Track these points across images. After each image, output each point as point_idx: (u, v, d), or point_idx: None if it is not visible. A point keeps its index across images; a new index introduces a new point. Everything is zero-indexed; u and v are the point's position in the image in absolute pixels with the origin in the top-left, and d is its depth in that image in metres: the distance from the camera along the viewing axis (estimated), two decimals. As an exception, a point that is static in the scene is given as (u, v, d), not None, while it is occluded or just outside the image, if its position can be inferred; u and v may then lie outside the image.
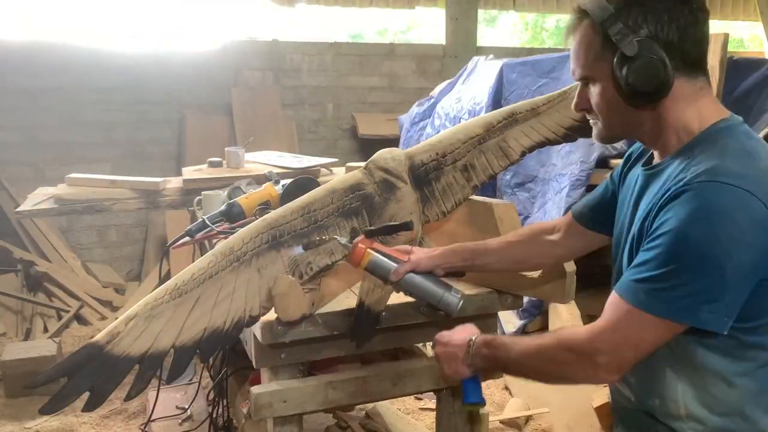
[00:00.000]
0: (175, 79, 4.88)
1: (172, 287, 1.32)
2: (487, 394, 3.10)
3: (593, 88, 1.10)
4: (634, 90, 1.03)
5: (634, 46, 1.01)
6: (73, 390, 1.23)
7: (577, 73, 1.13)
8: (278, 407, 1.50)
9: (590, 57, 1.08)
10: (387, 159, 1.53)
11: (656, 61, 1.01)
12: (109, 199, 2.78)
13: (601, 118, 1.12)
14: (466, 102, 3.94)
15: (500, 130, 1.69)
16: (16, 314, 4.07)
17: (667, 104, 1.06)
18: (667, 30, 1.01)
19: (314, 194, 1.49)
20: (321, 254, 1.45)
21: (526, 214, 3.45)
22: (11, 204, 4.36)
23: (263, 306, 1.39)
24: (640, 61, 1.01)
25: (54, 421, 2.96)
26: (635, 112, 1.08)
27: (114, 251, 4.91)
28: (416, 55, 5.68)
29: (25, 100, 4.55)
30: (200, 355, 1.37)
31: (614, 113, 1.10)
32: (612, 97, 1.08)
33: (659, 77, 1.01)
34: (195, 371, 3.18)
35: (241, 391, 2.25)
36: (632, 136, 1.13)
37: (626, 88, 1.03)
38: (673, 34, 1.02)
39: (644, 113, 1.07)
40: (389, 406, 2.68)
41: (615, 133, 1.14)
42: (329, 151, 5.31)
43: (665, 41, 1.02)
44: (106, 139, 4.81)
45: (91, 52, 4.66)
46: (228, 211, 2.01)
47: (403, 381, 1.62)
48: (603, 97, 1.09)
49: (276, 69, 5.21)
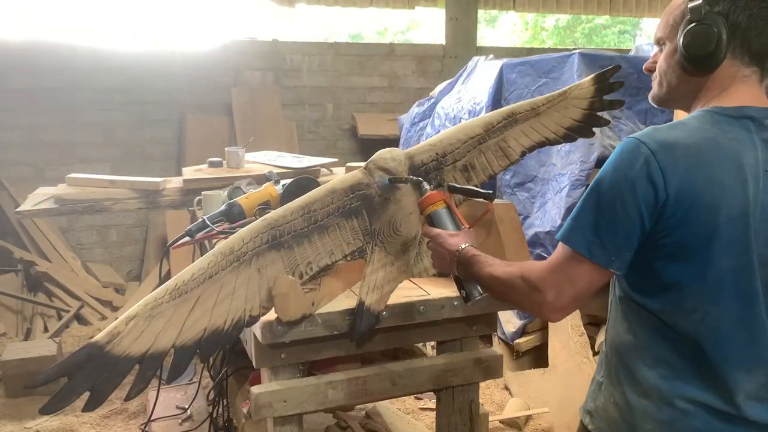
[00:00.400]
0: (175, 79, 4.88)
1: (172, 287, 1.32)
2: (487, 394, 3.13)
3: (664, 50, 1.18)
4: (685, 52, 1.11)
5: (701, 14, 1.08)
6: (73, 390, 1.23)
7: (657, 34, 1.20)
8: (278, 407, 1.50)
9: (670, 21, 1.16)
10: (387, 159, 1.53)
11: (712, 31, 1.07)
12: (109, 199, 2.78)
13: (658, 77, 1.20)
14: (466, 102, 3.94)
15: (500, 130, 1.69)
16: (16, 314, 4.07)
17: (712, 79, 1.12)
18: (739, 13, 1.08)
19: (314, 194, 1.49)
20: (321, 254, 1.46)
21: (526, 214, 3.45)
22: (11, 204, 4.36)
23: (263, 306, 1.39)
24: (698, 27, 1.09)
25: (54, 421, 2.96)
26: (684, 77, 1.15)
27: (114, 251, 4.91)
28: (416, 55, 5.68)
29: (25, 100, 4.55)
30: (200, 355, 1.38)
31: (668, 73, 1.17)
32: (671, 58, 1.16)
33: (708, 47, 1.08)
34: (195, 371, 3.18)
35: (241, 391, 2.25)
36: (676, 100, 1.21)
37: (681, 49, 1.11)
38: (742, 18, 1.08)
39: (691, 80, 1.14)
40: (389, 406, 2.68)
41: (663, 93, 1.20)
42: (329, 151, 5.31)
43: (733, 22, 1.08)
44: (106, 139, 4.81)
45: (91, 52, 4.67)
46: (228, 211, 2.01)
47: (403, 381, 1.62)
48: (665, 58, 1.18)
49: (276, 69, 5.21)
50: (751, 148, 1.06)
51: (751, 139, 1.07)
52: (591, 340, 3.02)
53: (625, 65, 3.04)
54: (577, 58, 3.31)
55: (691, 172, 1.03)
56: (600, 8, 6.30)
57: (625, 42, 12.64)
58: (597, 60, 3.30)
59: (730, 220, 1.03)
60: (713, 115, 1.09)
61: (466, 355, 1.70)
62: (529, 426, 2.88)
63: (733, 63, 1.11)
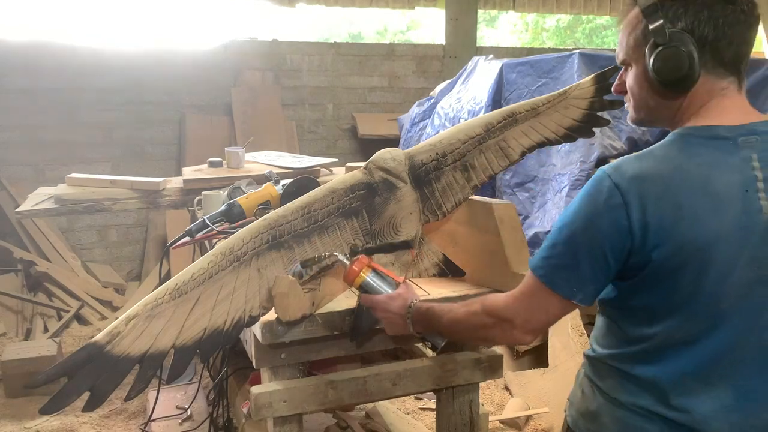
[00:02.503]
0: (175, 79, 4.88)
1: (172, 287, 1.32)
2: (487, 394, 3.13)
3: (630, 72, 1.15)
4: (658, 77, 1.06)
5: (665, 35, 1.04)
6: (73, 390, 1.23)
7: (619, 57, 1.17)
8: (278, 407, 1.50)
9: (631, 42, 1.12)
10: (387, 159, 1.53)
11: (682, 53, 1.03)
12: (109, 199, 2.78)
13: (632, 101, 1.17)
14: (466, 102, 3.94)
15: (500, 130, 1.69)
16: (16, 314, 4.07)
17: (689, 97, 1.08)
18: (704, 26, 1.03)
19: (314, 194, 1.49)
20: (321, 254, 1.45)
21: (525, 214, 3.45)
22: (11, 204, 4.36)
23: (263, 306, 1.39)
24: (667, 51, 1.04)
25: (54, 421, 2.96)
26: (660, 100, 1.11)
27: (114, 251, 4.91)
28: (416, 55, 5.68)
29: (25, 100, 4.55)
30: (200, 355, 1.38)
31: (643, 98, 1.14)
32: (643, 83, 1.12)
33: (682, 69, 1.04)
34: (195, 371, 3.18)
35: (241, 391, 2.25)
36: (657, 121, 1.17)
37: (652, 74, 1.07)
38: (709, 31, 1.03)
39: (668, 102, 1.10)
40: (389, 406, 2.68)
41: (642, 117, 1.18)
42: (329, 151, 5.32)
43: (699, 36, 1.03)
44: (106, 139, 4.81)
45: (91, 52, 4.66)
46: (228, 211, 2.01)
47: (403, 381, 1.62)
48: (635, 81, 1.13)
49: (276, 69, 5.21)
50: (728, 170, 1.01)
51: (727, 159, 1.02)
52: (591, 340, 3.02)
53: (625, 65, 3.04)
54: (577, 58, 3.31)
55: (657, 205, 0.99)
56: (600, 8, 6.30)
57: (625, 42, 12.60)
58: (597, 60, 3.30)
59: (699, 250, 0.99)
60: (684, 139, 1.06)
61: (466, 355, 1.70)
62: (529, 426, 2.88)
63: (709, 78, 1.06)
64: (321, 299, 1.50)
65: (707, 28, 1.03)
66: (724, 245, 0.99)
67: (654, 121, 1.17)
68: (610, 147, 3.15)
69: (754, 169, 1.02)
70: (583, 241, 1.04)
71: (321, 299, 1.50)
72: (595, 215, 1.03)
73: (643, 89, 1.12)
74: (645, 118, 1.17)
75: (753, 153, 1.03)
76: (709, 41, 1.03)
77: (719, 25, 1.03)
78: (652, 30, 1.05)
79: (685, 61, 1.03)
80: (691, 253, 0.99)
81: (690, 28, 1.03)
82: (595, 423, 1.15)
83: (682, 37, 1.03)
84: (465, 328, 1.21)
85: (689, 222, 0.99)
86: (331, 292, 1.54)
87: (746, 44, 1.07)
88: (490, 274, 1.64)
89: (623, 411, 1.10)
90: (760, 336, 1.04)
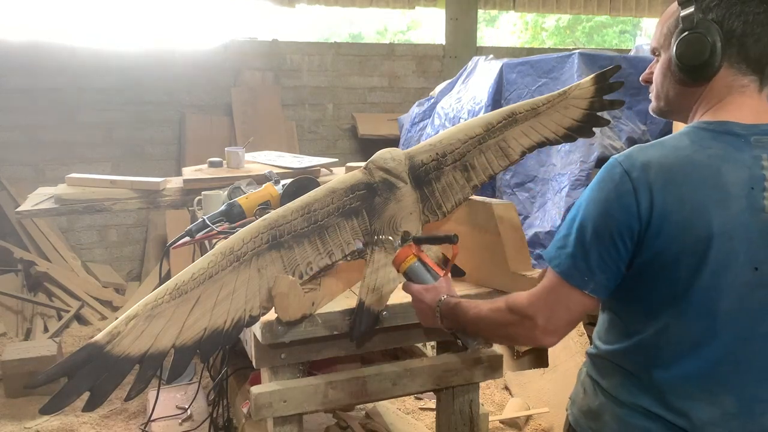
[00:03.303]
0: (175, 79, 4.88)
1: (172, 287, 1.32)
2: (487, 394, 3.13)
3: (660, 61, 1.15)
4: (679, 62, 1.07)
5: (693, 21, 1.05)
6: (74, 390, 1.23)
7: (652, 44, 1.18)
8: (278, 407, 1.50)
9: (664, 30, 1.13)
10: (387, 159, 1.53)
11: (705, 40, 1.04)
12: (109, 199, 2.78)
13: (655, 88, 1.17)
14: (466, 102, 3.94)
15: (500, 130, 1.69)
16: (16, 314, 4.07)
17: (708, 89, 1.09)
18: (734, 20, 1.04)
19: (314, 194, 1.49)
20: (321, 254, 1.46)
21: (525, 214, 3.45)
22: (11, 204, 4.36)
23: (263, 306, 1.39)
24: (691, 36, 1.05)
25: (54, 421, 2.96)
26: (681, 89, 1.12)
27: (114, 251, 4.91)
28: (416, 55, 5.68)
29: (25, 100, 4.55)
30: (200, 355, 1.38)
31: (665, 85, 1.14)
32: (666, 71, 1.13)
33: (703, 56, 1.05)
34: (195, 371, 3.18)
35: (241, 391, 2.26)
36: (676, 112, 1.17)
37: (674, 59, 1.08)
38: (738, 25, 1.04)
39: (688, 91, 1.11)
40: (389, 406, 2.68)
41: (661, 106, 1.18)
42: (329, 151, 5.32)
43: (728, 29, 1.04)
44: (106, 139, 4.81)
45: (91, 52, 4.67)
46: (228, 211, 2.01)
47: (403, 381, 1.62)
48: (660, 70, 1.15)
49: (276, 69, 5.21)
50: (737, 165, 1.01)
51: (737, 156, 1.02)
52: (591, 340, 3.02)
53: (625, 65, 3.04)
54: (577, 58, 3.31)
55: (663, 193, 1.00)
56: (600, 8, 6.30)
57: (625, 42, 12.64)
58: (597, 60, 3.30)
59: (699, 240, 0.99)
60: (697, 131, 1.06)
61: (466, 355, 1.70)
62: (529, 426, 2.88)
63: (730, 72, 1.06)
64: (321, 299, 1.50)
65: (737, 22, 1.04)
66: (724, 239, 0.99)
67: (672, 112, 1.18)
68: (610, 147, 3.15)
69: (763, 169, 1.02)
70: (594, 228, 1.04)
71: (321, 299, 1.50)
72: (605, 201, 1.03)
73: (666, 77, 1.13)
74: (664, 107, 1.18)
75: (764, 153, 1.03)
76: (736, 35, 1.04)
77: (749, 21, 1.03)
78: (682, 17, 1.07)
79: (707, 48, 1.04)
80: (690, 243, 0.99)
81: (720, 20, 1.04)
82: (596, 422, 1.14)
83: (709, 26, 1.04)
84: (488, 324, 1.20)
85: (692, 212, 0.99)
86: (331, 292, 1.55)
87: None
88: (490, 274, 1.64)
89: (624, 410, 1.10)
90: (760, 343, 1.03)
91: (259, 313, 1.39)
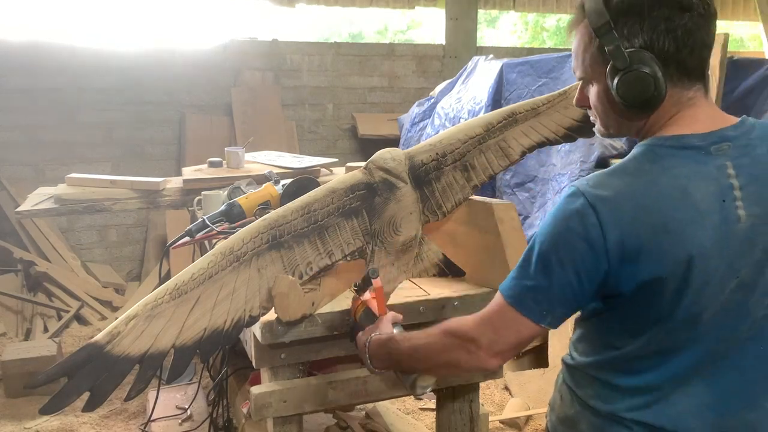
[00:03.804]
0: (175, 79, 4.88)
1: (172, 287, 1.32)
2: (486, 394, 3.13)
3: (591, 88, 1.10)
4: (624, 102, 1.02)
5: (626, 58, 0.99)
6: (73, 390, 1.23)
7: (577, 72, 1.13)
8: (278, 407, 1.50)
9: (587, 59, 1.07)
10: (387, 159, 1.53)
11: (646, 76, 0.98)
12: (109, 199, 2.78)
13: (598, 118, 1.13)
14: (466, 102, 3.94)
15: (500, 130, 1.69)
16: (16, 314, 4.07)
17: (657, 112, 1.04)
18: (663, 40, 0.98)
19: (314, 194, 1.49)
20: (321, 254, 1.46)
21: (525, 214, 3.45)
22: (11, 204, 4.36)
23: (263, 306, 1.39)
24: (630, 75, 0.99)
25: (54, 421, 2.96)
26: (627, 118, 1.07)
27: (114, 251, 4.91)
28: (416, 55, 5.68)
29: (25, 100, 4.55)
30: (200, 355, 1.38)
31: (609, 115, 1.10)
32: (606, 102, 1.07)
33: (648, 92, 0.99)
34: (195, 371, 3.18)
35: (241, 391, 2.26)
36: (626, 135, 1.14)
37: (617, 98, 1.02)
38: (669, 44, 0.98)
39: (636, 117, 1.06)
40: (389, 406, 2.68)
41: (610, 132, 1.14)
42: (329, 151, 5.31)
43: (660, 51, 0.99)
44: (106, 139, 4.81)
45: (91, 52, 4.66)
46: (228, 211, 2.01)
47: (403, 381, 1.62)
48: (599, 100, 1.09)
49: (276, 69, 5.21)
50: (703, 180, 0.97)
51: (701, 169, 0.98)
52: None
53: (625, 65, 3.04)
54: (577, 58, 3.30)
55: (635, 223, 0.96)
56: (600, 8, 6.29)
57: (625, 42, 12.60)
58: (597, 60, 3.29)
59: (678, 264, 0.96)
60: (654, 150, 1.01)
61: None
62: (529, 426, 2.88)
63: (675, 91, 1.01)
64: (321, 299, 1.50)
65: (667, 41, 0.98)
66: (704, 257, 0.96)
67: (623, 135, 1.14)
68: (610, 147, 3.15)
69: (730, 177, 0.98)
70: (556, 261, 0.99)
71: (321, 299, 1.50)
72: (568, 234, 0.98)
73: (608, 108, 1.08)
74: (614, 133, 1.13)
75: (727, 161, 0.99)
76: (671, 54, 0.99)
77: (678, 36, 0.98)
78: (609, 52, 1.00)
79: (651, 83, 0.98)
80: (671, 267, 0.96)
81: (649, 44, 0.98)
82: (573, 429, 1.13)
83: (643, 56, 0.98)
84: (426, 353, 1.14)
85: (668, 237, 0.96)
86: (331, 292, 1.55)
87: (707, 47, 1.02)
88: (490, 274, 1.64)
89: (600, 419, 1.08)
90: (741, 340, 1.02)
91: (259, 313, 1.39)
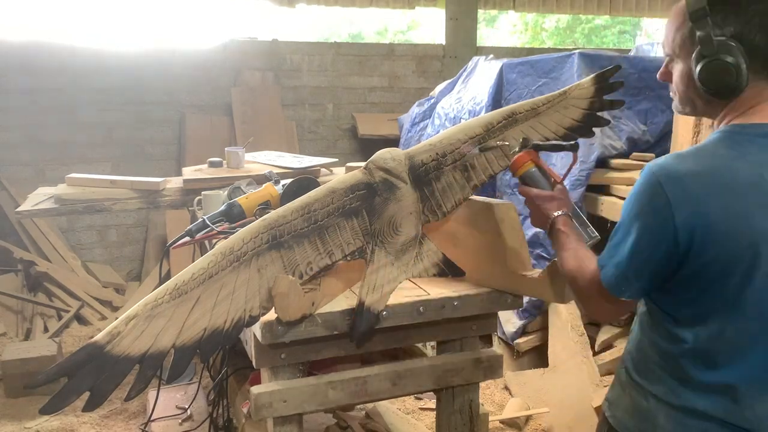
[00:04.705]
0: (175, 79, 4.88)
1: (172, 287, 1.32)
2: (487, 394, 3.13)
3: (676, 66, 1.14)
4: (704, 87, 1.06)
5: (713, 46, 1.03)
6: (74, 390, 1.23)
7: (665, 48, 1.16)
8: (278, 407, 1.50)
9: (677, 39, 1.11)
10: (387, 159, 1.53)
11: (729, 66, 1.02)
12: (109, 199, 2.78)
13: (678, 95, 1.16)
14: (466, 102, 3.94)
15: (500, 130, 1.69)
16: (16, 314, 4.07)
17: (738, 100, 1.07)
18: (756, 34, 1.02)
19: (314, 194, 1.49)
20: (321, 254, 1.46)
21: (525, 214, 3.44)
22: (11, 204, 4.36)
23: (263, 306, 1.39)
24: (714, 63, 1.03)
25: (54, 421, 2.96)
26: (706, 101, 1.11)
27: (114, 251, 4.92)
28: (416, 55, 5.68)
29: (25, 100, 4.55)
30: (200, 355, 1.38)
31: (689, 96, 1.14)
32: (688, 82, 1.11)
33: (729, 82, 1.03)
34: (195, 371, 3.18)
35: (241, 391, 2.26)
36: (702, 116, 1.18)
37: (698, 83, 1.07)
38: (760, 38, 1.02)
39: (715, 101, 1.10)
40: (389, 406, 2.68)
41: (687, 111, 1.18)
42: (329, 151, 5.32)
43: (750, 44, 1.02)
44: (106, 139, 4.82)
45: (91, 52, 4.67)
46: (228, 211, 2.01)
47: (403, 381, 1.62)
48: (681, 78, 1.13)
49: (276, 69, 5.21)
50: None
51: None
52: (591, 340, 3.02)
53: (626, 65, 3.04)
54: (577, 58, 3.30)
55: (704, 202, 0.99)
56: (600, 8, 6.30)
57: (625, 42, 12.64)
58: (597, 60, 3.30)
59: (746, 247, 0.98)
60: (733, 136, 1.05)
61: (466, 355, 1.70)
62: (529, 426, 2.88)
63: (758, 83, 1.05)
64: (321, 299, 1.50)
65: (758, 35, 1.02)
66: None
67: (698, 116, 1.19)
68: (610, 147, 3.15)
69: None
70: (633, 238, 1.05)
71: (321, 299, 1.50)
72: (641, 215, 1.05)
73: (689, 89, 1.12)
74: (690, 113, 1.18)
75: None
76: (760, 48, 1.02)
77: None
78: (699, 38, 1.04)
79: (732, 73, 1.02)
80: (739, 251, 0.99)
81: (738, 35, 1.02)
82: (648, 423, 1.13)
83: (730, 47, 1.02)
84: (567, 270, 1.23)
85: (737, 220, 0.99)
86: (331, 292, 1.54)
87: None
88: (490, 274, 1.64)
89: (679, 413, 1.09)
90: None
91: (259, 313, 1.39)
